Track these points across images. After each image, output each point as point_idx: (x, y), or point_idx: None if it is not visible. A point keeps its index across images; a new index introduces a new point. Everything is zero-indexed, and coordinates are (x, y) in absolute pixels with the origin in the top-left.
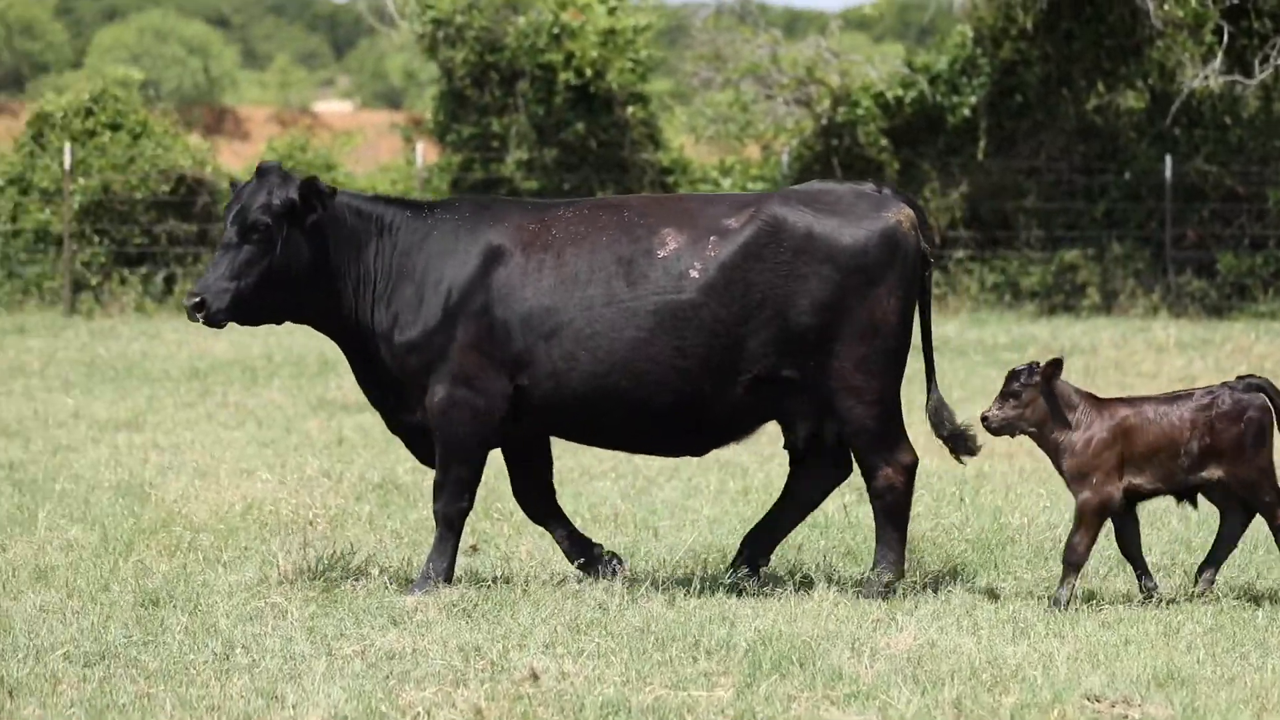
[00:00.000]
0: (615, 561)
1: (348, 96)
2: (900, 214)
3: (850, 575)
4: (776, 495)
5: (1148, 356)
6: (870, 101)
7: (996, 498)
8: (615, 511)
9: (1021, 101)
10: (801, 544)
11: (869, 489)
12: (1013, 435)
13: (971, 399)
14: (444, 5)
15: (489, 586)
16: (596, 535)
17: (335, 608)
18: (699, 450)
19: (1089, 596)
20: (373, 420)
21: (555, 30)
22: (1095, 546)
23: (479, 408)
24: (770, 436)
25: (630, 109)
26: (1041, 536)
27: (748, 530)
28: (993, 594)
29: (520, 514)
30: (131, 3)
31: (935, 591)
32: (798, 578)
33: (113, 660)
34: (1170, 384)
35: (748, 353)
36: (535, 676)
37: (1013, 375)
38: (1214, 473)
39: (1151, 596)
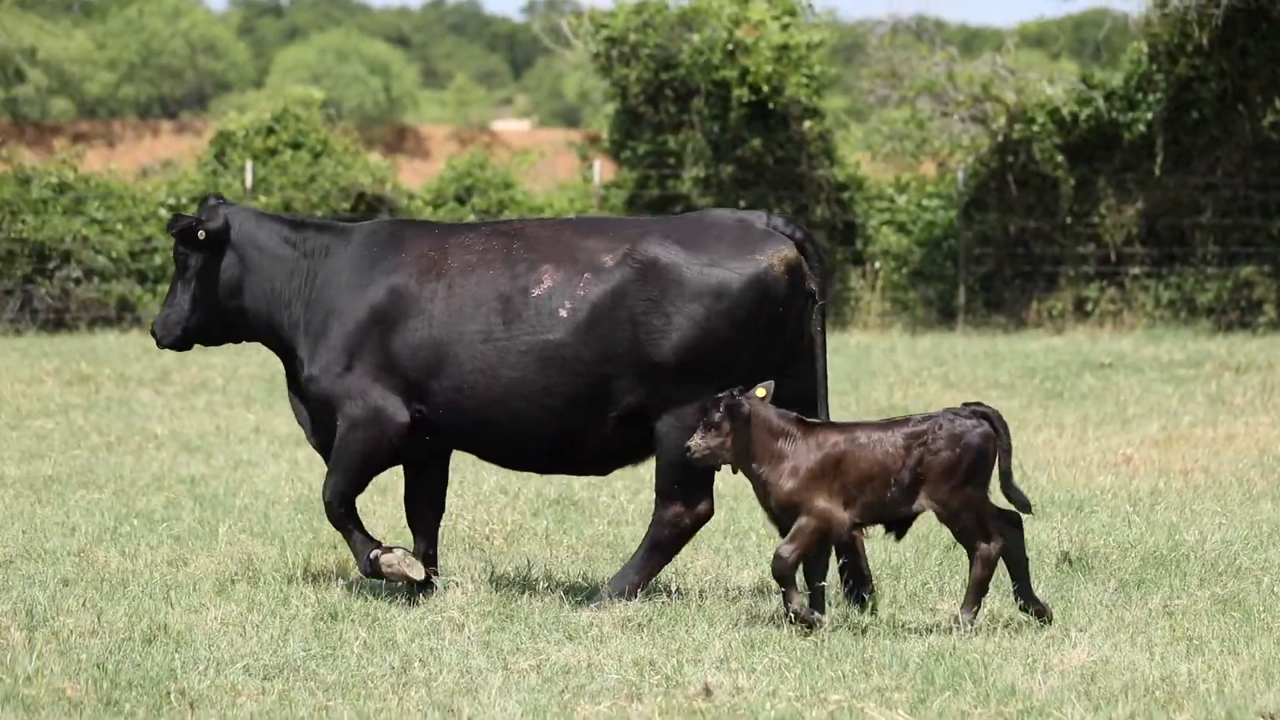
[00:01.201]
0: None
1: (525, 115)
2: (774, 255)
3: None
4: None
5: None
6: (1046, 118)
7: (1171, 513)
8: None
9: (1198, 117)
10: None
11: (655, 515)
12: (717, 467)
13: (1146, 416)
14: (617, 24)
15: (664, 601)
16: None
17: (511, 622)
18: (599, 471)
19: (1264, 610)
20: None
21: (729, 47)
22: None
23: (371, 432)
24: None
25: (806, 124)
26: (1216, 554)
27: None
28: (1166, 611)
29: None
30: (313, 22)
31: (1109, 608)
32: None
33: (292, 673)
34: None
35: (612, 391)
36: (709, 691)
37: (713, 404)
38: (923, 503)
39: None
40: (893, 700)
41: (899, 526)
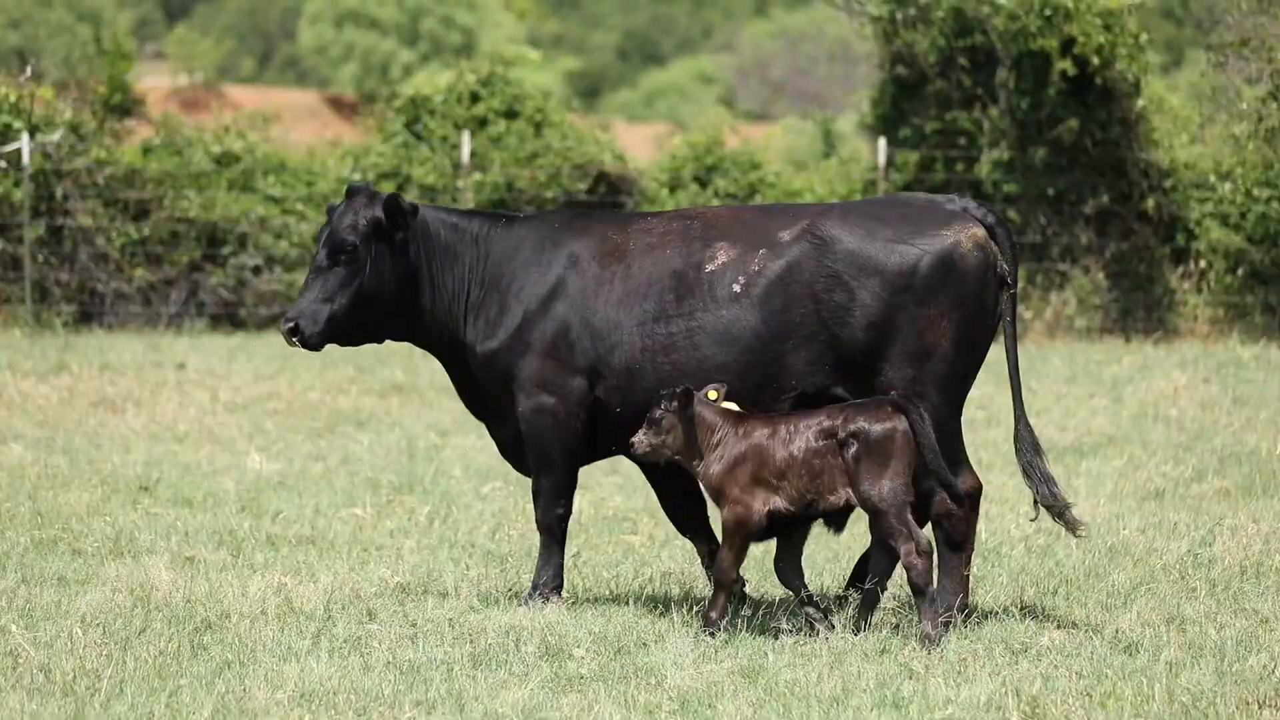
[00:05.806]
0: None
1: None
2: (963, 233)
3: None
4: None
5: None
6: None
7: None
8: None
9: None
10: None
11: (929, 516)
12: (662, 462)
13: None
14: None
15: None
16: None
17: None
18: None
19: None
20: None
21: (1047, 12)
22: None
23: (559, 414)
24: None
25: (1138, 102)
26: None
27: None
28: None
29: None
30: None
31: None
32: None
33: None
34: None
35: (790, 370)
36: None
37: (655, 401)
38: (841, 496)
39: (813, 628)
40: None
41: (834, 519)
